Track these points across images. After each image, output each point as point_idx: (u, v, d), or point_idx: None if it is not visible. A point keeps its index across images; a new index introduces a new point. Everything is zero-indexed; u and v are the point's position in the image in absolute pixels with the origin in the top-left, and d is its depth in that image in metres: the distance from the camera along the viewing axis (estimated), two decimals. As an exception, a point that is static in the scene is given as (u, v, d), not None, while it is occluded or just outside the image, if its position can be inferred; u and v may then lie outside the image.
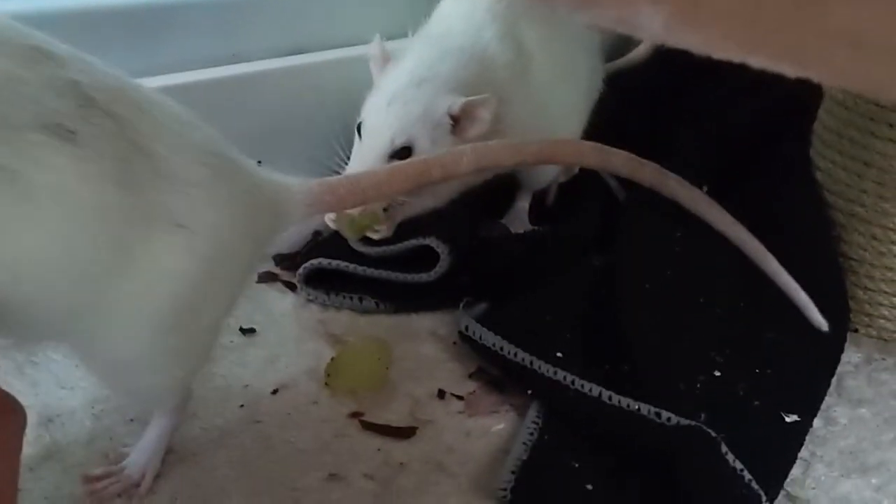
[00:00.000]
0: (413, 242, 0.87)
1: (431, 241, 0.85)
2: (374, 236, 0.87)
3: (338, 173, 0.84)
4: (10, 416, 0.44)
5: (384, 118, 0.82)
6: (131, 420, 0.68)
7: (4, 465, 0.43)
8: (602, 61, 1.06)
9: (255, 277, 0.89)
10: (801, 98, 0.99)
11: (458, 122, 0.83)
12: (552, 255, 0.95)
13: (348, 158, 0.86)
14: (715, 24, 0.26)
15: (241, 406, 0.72)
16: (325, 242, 0.92)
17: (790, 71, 0.28)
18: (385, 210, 0.86)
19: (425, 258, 0.86)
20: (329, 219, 0.87)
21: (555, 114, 0.96)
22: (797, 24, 0.24)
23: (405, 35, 0.95)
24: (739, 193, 1.01)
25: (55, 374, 0.72)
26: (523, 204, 1.05)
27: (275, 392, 0.74)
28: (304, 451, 0.69)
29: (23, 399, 0.49)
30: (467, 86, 0.85)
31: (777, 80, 0.29)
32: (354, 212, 0.82)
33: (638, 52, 1.21)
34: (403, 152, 0.82)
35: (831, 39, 0.23)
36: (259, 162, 0.89)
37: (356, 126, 0.85)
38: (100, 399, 0.70)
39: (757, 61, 0.27)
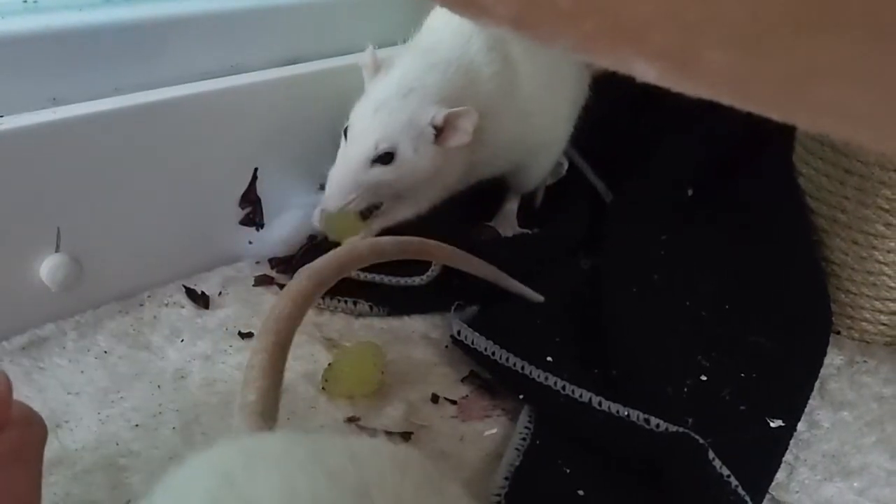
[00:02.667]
0: (405, 246, 0.88)
1: (423, 246, 0.87)
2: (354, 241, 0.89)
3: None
4: (32, 429, 0.45)
5: (370, 124, 0.84)
6: (136, 426, 0.70)
7: (28, 477, 0.44)
8: (588, 68, 1.07)
9: (252, 281, 0.91)
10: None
11: (440, 131, 0.84)
12: (541, 258, 0.96)
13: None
14: (703, 81, 0.27)
15: (242, 410, 0.74)
16: (321, 246, 0.93)
17: (779, 119, 0.29)
18: (365, 219, 0.88)
19: (418, 262, 0.88)
20: (316, 220, 0.89)
21: (540, 123, 0.98)
22: (784, 93, 0.26)
23: (397, 43, 0.97)
24: (723, 198, 1.03)
25: (61, 380, 0.73)
26: (512, 207, 1.07)
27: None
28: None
29: (30, 404, 0.51)
30: (453, 97, 0.86)
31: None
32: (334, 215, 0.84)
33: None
34: (386, 157, 0.83)
35: (818, 107, 0.25)
36: (256, 169, 0.91)
37: (343, 130, 0.86)
38: (105, 404, 0.72)
39: (746, 109, 0.28)
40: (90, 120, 0.77)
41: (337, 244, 0.88)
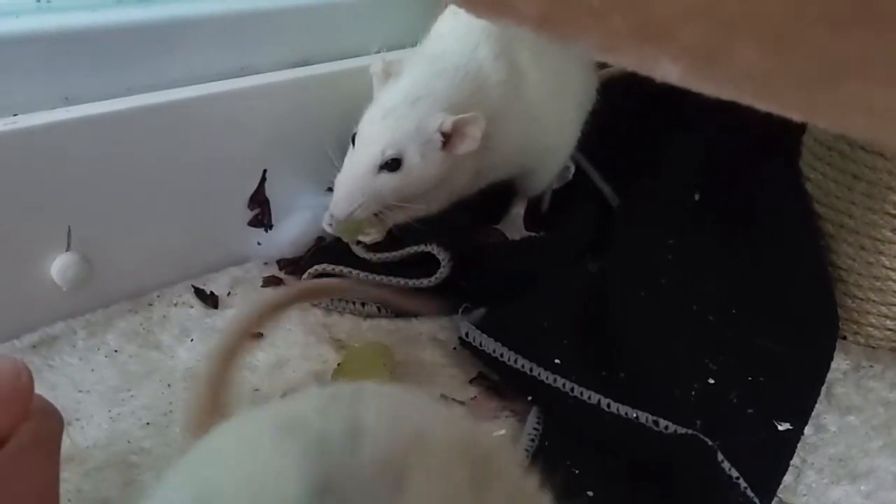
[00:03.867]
0: (414, 249, 0.89)
1: (433, 248, 0.87)
2: (366, 240, 0.89)
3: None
4: (50, 421, 0.46)
5: (378, 130, 0.84)
6: (147, 424, 0.70)
7: (47, 467, 0.45)
8: (596, 73, 1.07)
9: (261, 282, 0.91)
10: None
11: (448, 138, 0.85)
12: (548, 261, 0.96)
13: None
14: (728, 80, 0.27)
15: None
16: (328, 248, 0.93)
17: (800, 119, 0.30)
18: (376, 215, 0.88)
19: (426, 264, 0.88)
20: (326, 223, 0.89)
21: (548, 128, 0.98)
22: (810, 90, 0.26)
23: (407, 46, 0.97)
24: (730, 202, 1.03)
25: (72, 378, 0.74)
26: (519, 210, 1.08)
27: (284, 396, 0.76)
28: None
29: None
30: (461, 104, 0.86)
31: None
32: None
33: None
34: (393, 164, 0.83)
35: (844, 105, 0.25)
36: (265, 171, 0.92)
37: (351, 136, 0.87)
38: (116, 402, 0.72)
39: (765, 108, 0.28)
40: (102, 120, 0.77)
41: (349, 245, 0.89)
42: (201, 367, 0.64)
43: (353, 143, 0.86)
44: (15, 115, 0.74)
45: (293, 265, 0.94)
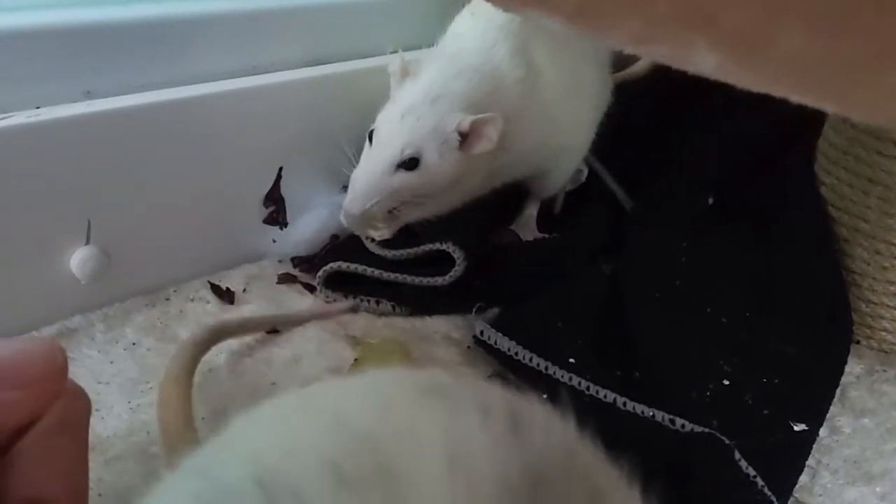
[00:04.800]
0: (429, 247, 0.89)
1: (448, 247, 0.88)
2: (375, 235, 0.90)
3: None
4: (79, 402, 0.46)
5: (397, 129, 0.84)
6: (166, 416, 0.70)
7: (77, 448, 0.45)
8: (611, 74, 1.08)
9: (276, 279, 0.91)
10: (807, 113, 1.01)
11: (465, 137, 0.85)
12: (561, 263, 0.97)
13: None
14: (767, 69, 0.27)
15: (270, 403, 0.75)
16: (343, 246, 0.94)
17: (833, 110, 0.30)
18: (390, 212, 0.88)
19: (440, 262, 0.89)
20: (343, 219, 0.89)
21: (563, 128, 0.99)
22: (856, 77, 0.26)
23: (423, 46, 0.98)
24: (744, 205, 1.04)
25: (91, 370, 0.74)
26: (532, 212, 1.08)
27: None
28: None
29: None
30: (479, 103, 0.86)
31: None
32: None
33: (640, 66, 1.24)
34: (411, 162, 0.84)
35: (888, 93, 0.25)
36: (281, 169, 0.92)
37: (368, 133, 0.87)
38: (135, 394, 0.72)
39: (800, 100, 0.28)
40: (122, 114, 0.78)
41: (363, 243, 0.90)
42: (168, 386, 0.67)
43: (370, 141, 0.86)
44: (37, 107, 0.74)
45: (308, 263, 0.94)
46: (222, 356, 0.78)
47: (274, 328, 0.83)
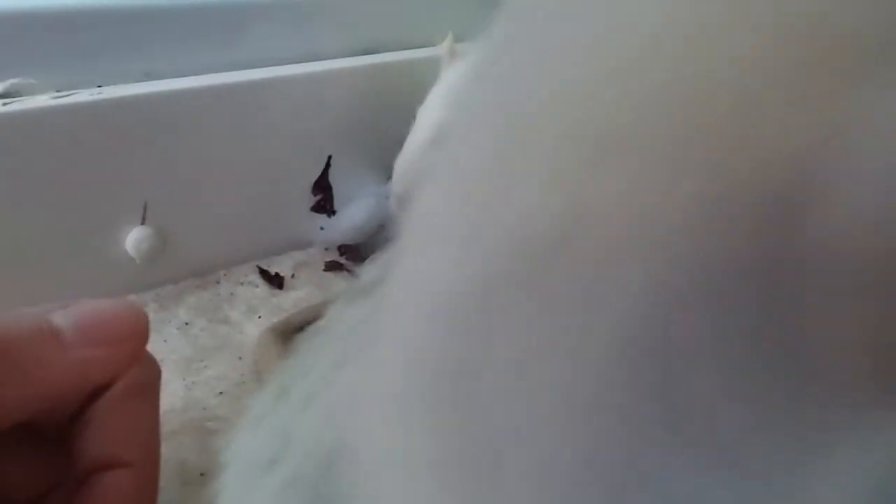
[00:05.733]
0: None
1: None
2: None
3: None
4: (153, 367, 0.46)
5: (437, 108, 0.85)
6: (220, 393, 0.71)
7: (151, 413, 0.45)
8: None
9: (323, 266, 0.92)
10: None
11: None
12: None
13: None
14: None
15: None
16: (391, 235, 0.94)
17: None
18: None
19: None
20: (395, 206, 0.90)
21: None
22: None
23: (476, 39, 0.98)
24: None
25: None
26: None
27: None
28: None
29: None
30: None
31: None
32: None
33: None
34: None
35: None
36: (330, 157, 0.93)
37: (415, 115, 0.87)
38: (190, 372, 0.73)
39: None
40: (181, 95, 0.78)
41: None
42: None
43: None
44: (99, 86, 0.75)
45: (355, 251, 0.95)
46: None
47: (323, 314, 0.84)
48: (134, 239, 0.79)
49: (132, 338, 0.42)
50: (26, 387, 0.37)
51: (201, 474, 0.63)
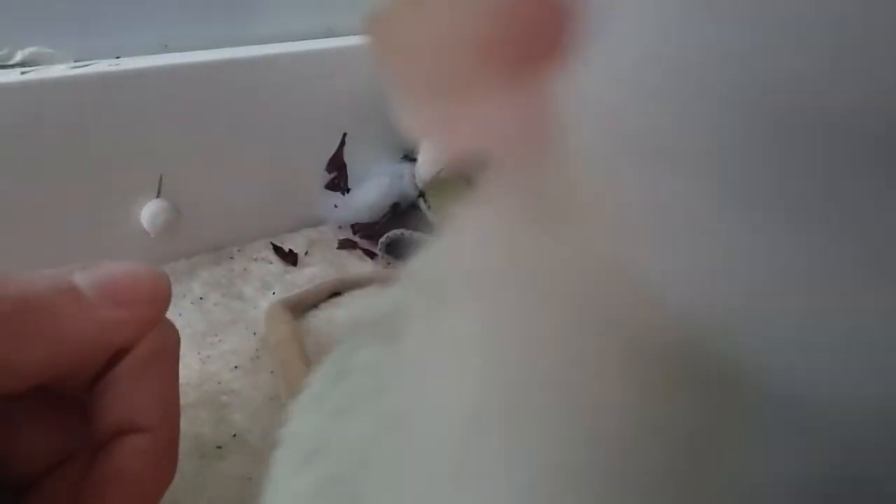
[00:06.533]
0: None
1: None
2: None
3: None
4: (172, 333, 0.46)
5: None
6: (235, 367, 0.71)
7: (170, 379, 0.45)
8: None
9: (336, 244, 0.91)
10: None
11: None
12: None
13: None
14: None
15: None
16: (404, 214, 0.94)
17: None
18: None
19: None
20: (419, 182, 0.89)
21: None
22: None
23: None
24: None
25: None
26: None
27: (364, 353, 0.76)
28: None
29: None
30: None
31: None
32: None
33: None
34: None
35: None
36: (345, 135, 0.92)
37: None
38: (205, 346, 0.73)
39: None
40: (198, 68, 0.78)
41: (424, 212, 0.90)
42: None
43: None
44: (117, 57, 0.75)
45: (368, 229, 0.94)
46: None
47: (336, 291, 0.83)
48: (149, 212, 0.79)
49: (153, 301, 0.42)
50: (46, 346, 0.37)
51: (217, 447, 0.63)
